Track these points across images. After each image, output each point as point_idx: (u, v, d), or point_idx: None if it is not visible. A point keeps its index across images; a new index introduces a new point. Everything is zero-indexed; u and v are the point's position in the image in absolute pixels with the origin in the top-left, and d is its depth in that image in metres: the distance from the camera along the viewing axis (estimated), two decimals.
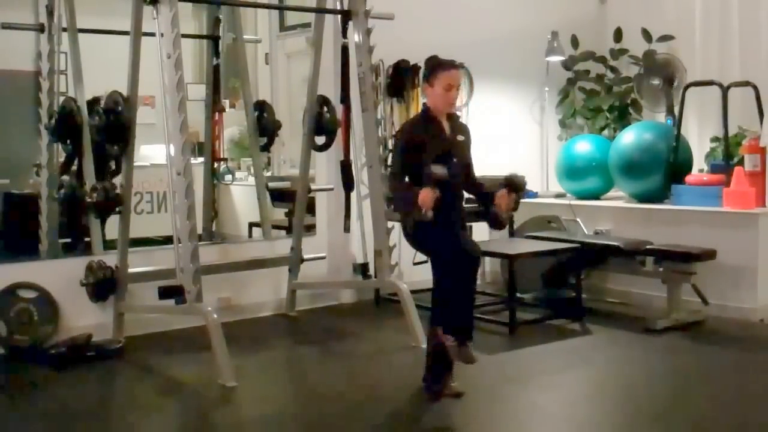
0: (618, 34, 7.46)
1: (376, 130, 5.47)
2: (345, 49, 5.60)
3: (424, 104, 4.38)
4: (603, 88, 7.41)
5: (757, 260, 5.62)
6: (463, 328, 4.11)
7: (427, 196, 3.86)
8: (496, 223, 4.37)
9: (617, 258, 5.83)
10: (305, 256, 5.99)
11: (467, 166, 4.31)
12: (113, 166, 5.63)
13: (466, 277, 4.10)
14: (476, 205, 5.27)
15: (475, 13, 7.02)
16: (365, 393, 4.41)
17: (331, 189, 6.19)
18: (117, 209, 5.07)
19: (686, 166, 6.35)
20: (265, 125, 6.19)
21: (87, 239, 5.54)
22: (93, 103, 5.52)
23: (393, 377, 4.64)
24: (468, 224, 4.74)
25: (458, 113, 6.83)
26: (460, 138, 4.24)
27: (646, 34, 7.16)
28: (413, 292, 5.27)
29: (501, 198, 4.14)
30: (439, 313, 4.12)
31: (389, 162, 6.40)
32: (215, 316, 4.55)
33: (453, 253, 4.05)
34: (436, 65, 4.14)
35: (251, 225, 6.83)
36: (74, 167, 5.67)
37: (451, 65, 4.15)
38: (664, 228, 6.00)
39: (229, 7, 6.23)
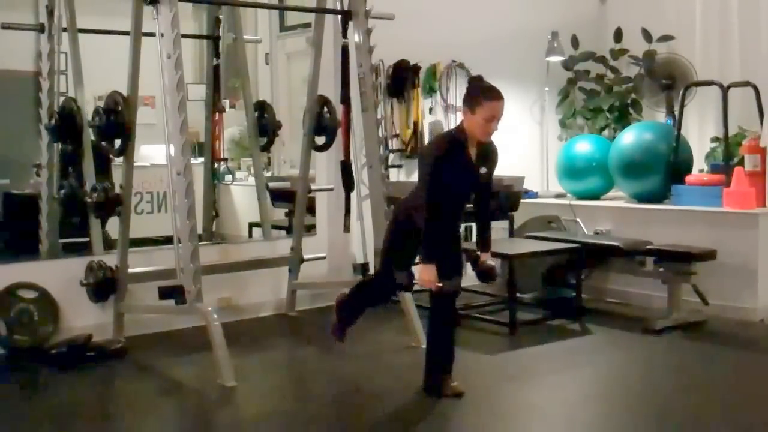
0: (618, 34, 7.46)
1: (376, 130, 5.47)
2: (345, 49, 5.59)
3: (460, 123, 3.98)
4: (603, 88, 7.41)
5: (757, 260, 5.62)
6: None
7: (428, 280, 3.92)
8: (484, 278, 4.24)
9: (617, 258, 5.84)
10: (305, 256, 5.99)
11: (483, 190, 4.13)
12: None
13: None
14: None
15: (475, 13, 7.02)
16: (365, 393, 4.41)
17: (331, 189, 6.19)
18: (117, 209, 5.07)
19: (686, 166, 6.35)
20: (265, 125, 6.19)
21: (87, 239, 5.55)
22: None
23: (393, 377, 4.64)
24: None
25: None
26: (483, 170, 3.99)
27: (646, 34, 7.16)
28: (413, 292, 5.26)
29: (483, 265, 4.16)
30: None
31: (389, 162, 6.51)
32: (215, 316, 4.55)
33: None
34: (481, 92, 3.84)
35: (251, 225, 6.82)
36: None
37: (498, 95, 3.83)
38: (664, 228, 6.00)
39: (229, 7, 6.22)
